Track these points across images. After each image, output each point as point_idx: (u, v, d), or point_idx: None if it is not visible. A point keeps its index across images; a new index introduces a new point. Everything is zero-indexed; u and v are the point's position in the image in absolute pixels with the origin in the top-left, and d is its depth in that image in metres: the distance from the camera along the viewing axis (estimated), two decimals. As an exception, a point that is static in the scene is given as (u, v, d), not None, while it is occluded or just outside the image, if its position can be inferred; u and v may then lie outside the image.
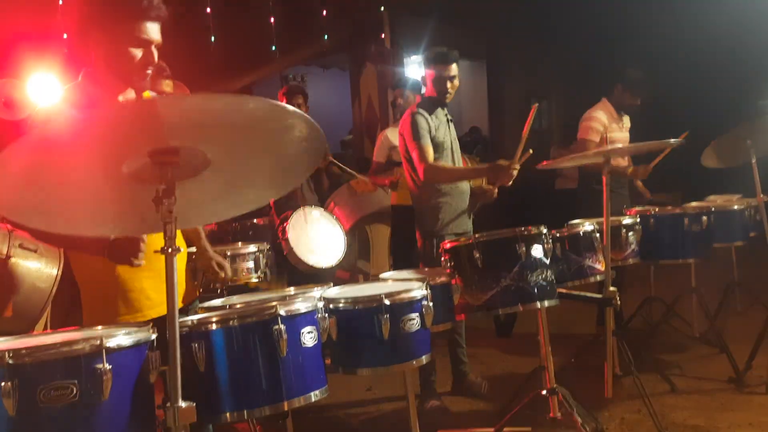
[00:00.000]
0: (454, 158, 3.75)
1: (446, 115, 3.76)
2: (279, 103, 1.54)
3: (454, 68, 3.66)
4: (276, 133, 1.60)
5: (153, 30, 2.06)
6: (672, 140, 3.30)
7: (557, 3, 9.56)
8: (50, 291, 2.49)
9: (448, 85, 3.66)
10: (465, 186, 3.74)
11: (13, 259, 2.37)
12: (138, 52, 2.04)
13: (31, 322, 2.47)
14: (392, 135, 4.78)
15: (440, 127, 3.66)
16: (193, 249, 2.57)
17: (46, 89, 4.10)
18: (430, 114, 3.64)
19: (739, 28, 8.16)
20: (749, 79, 8.69)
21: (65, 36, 4.73)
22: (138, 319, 2.13)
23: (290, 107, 1.54)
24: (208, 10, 7.10)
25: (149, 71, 2.08)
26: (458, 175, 3.70)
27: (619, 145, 4.19)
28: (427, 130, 3.58)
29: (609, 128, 4.52)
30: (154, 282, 2.16)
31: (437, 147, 3.64)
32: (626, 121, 4.72)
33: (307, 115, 1.55)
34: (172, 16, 2.12)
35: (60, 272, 2.51)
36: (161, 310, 2.16)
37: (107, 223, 1.80)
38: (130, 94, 2.14)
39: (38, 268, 2.48)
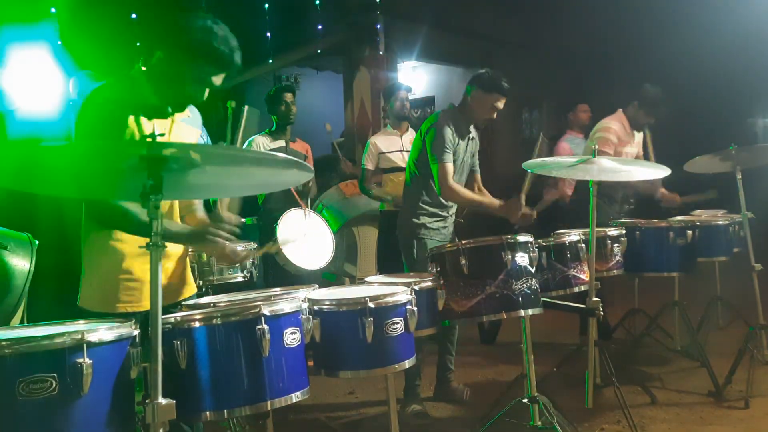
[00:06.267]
0: (462, 177, 3.74)
1: (469, 132, 3.75)
2: (277, 155, 1.74)
3: (503, 102, 3.66)
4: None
5: (219, 79, 2.16)
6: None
7: (551, 14, 9.63)
8: (23, 287, 2.46)
9: (493, 114, 3.67)
10: None
11: None
12: (194, 88, 2.13)
13: (5, 319, 2.44)
14: (380, 141, 4.79)
15: (459, 145, 3.67)
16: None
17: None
18: (456, 129, 3.63)
19: (729, 46, 8.25)
20: (738, 96, 8.79)
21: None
22: (135, 309, 2.16)
23: (282, 155, 1.73)
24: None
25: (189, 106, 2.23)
26: (471, 202, 3.68)
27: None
28: (452, 147, 3.58)
29: (622, 142, 4.49)
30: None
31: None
32: (637, 135, 4.70)
33: (305, 162, 1.73)
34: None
35: (33, 267, 2.49)
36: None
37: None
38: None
39: (9, 264, 2.43)
